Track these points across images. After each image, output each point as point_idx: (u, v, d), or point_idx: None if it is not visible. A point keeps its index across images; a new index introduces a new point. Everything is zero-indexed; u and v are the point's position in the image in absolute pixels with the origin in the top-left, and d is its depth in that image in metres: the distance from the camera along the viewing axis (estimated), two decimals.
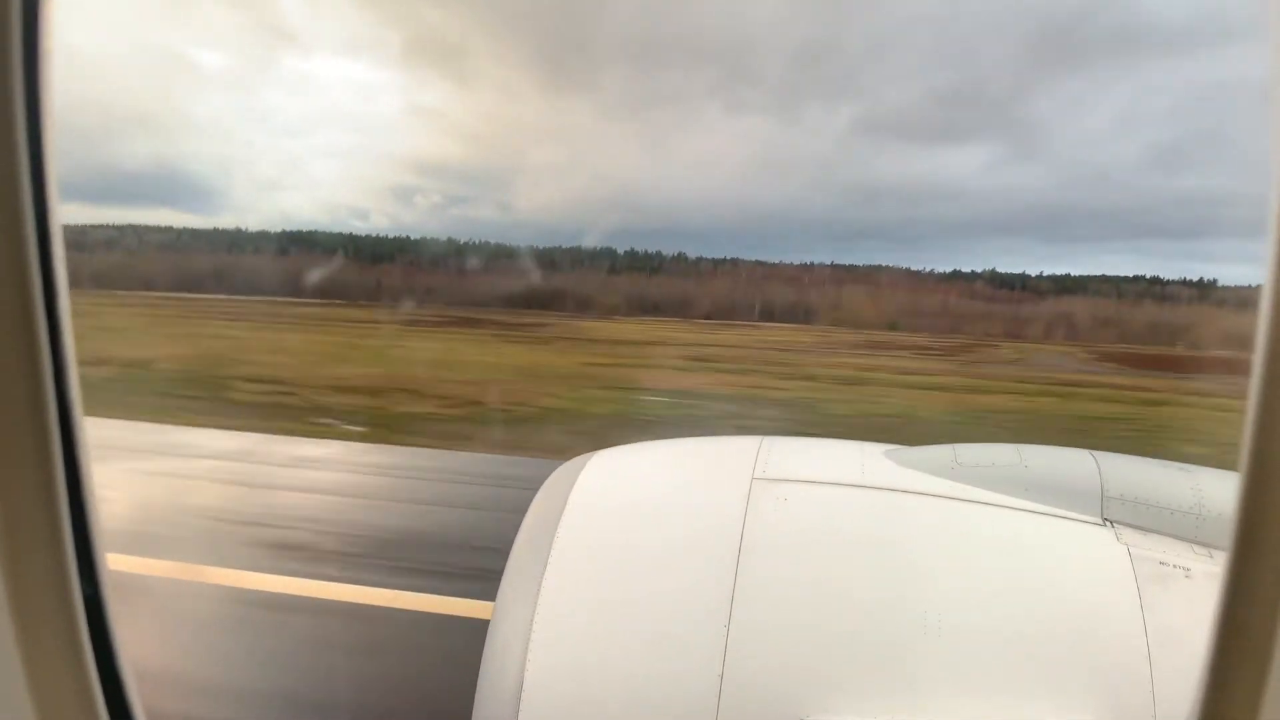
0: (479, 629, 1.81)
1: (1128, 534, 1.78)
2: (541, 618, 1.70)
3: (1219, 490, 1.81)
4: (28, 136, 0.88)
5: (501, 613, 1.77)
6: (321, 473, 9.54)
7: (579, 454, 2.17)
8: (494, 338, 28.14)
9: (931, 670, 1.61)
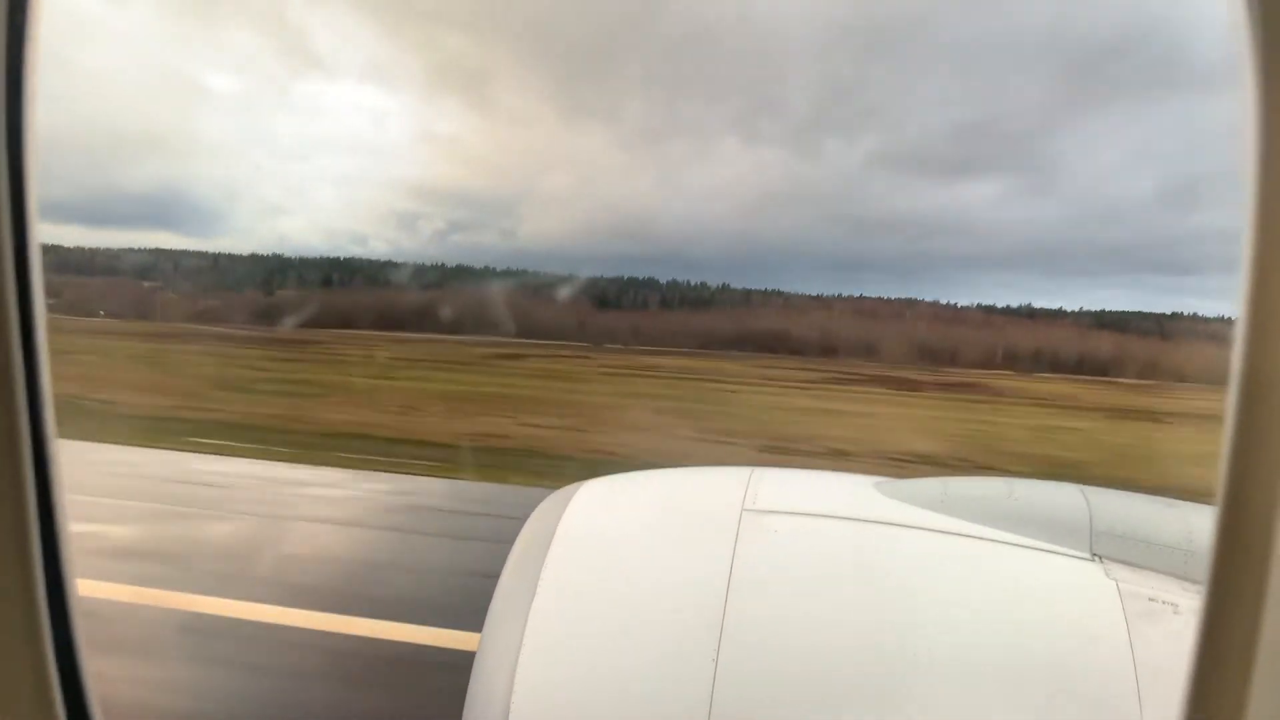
0: (466, 660, 1.79)
1: (1116, 569, 1.77)
2: (528, 648, 1.68)
3: (1207, 526, 1.81)
4: (7, 152, 0.86)
5: (488, 643, 1.75)
6: None
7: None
8: (956, 401, 24.12)
9: (921, 704, 1.60)
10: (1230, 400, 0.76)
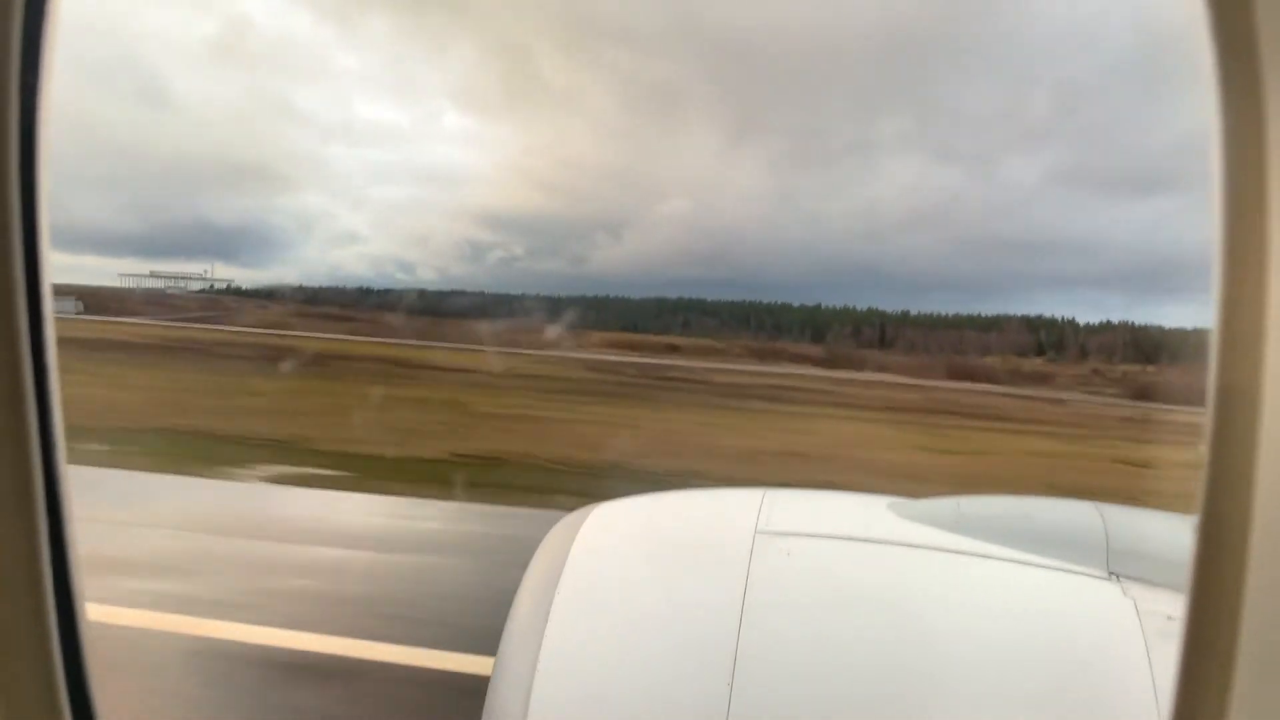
0: (480, 685, 1.79)
1: (1134, 588, 1.76)
2: (543, 672, 1.68)
3: None
4: (20, 166, 0.83)
5: (502, 669, 1.75)
6: None
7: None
8: None
9: None
10: (1208, 412, 0.78)
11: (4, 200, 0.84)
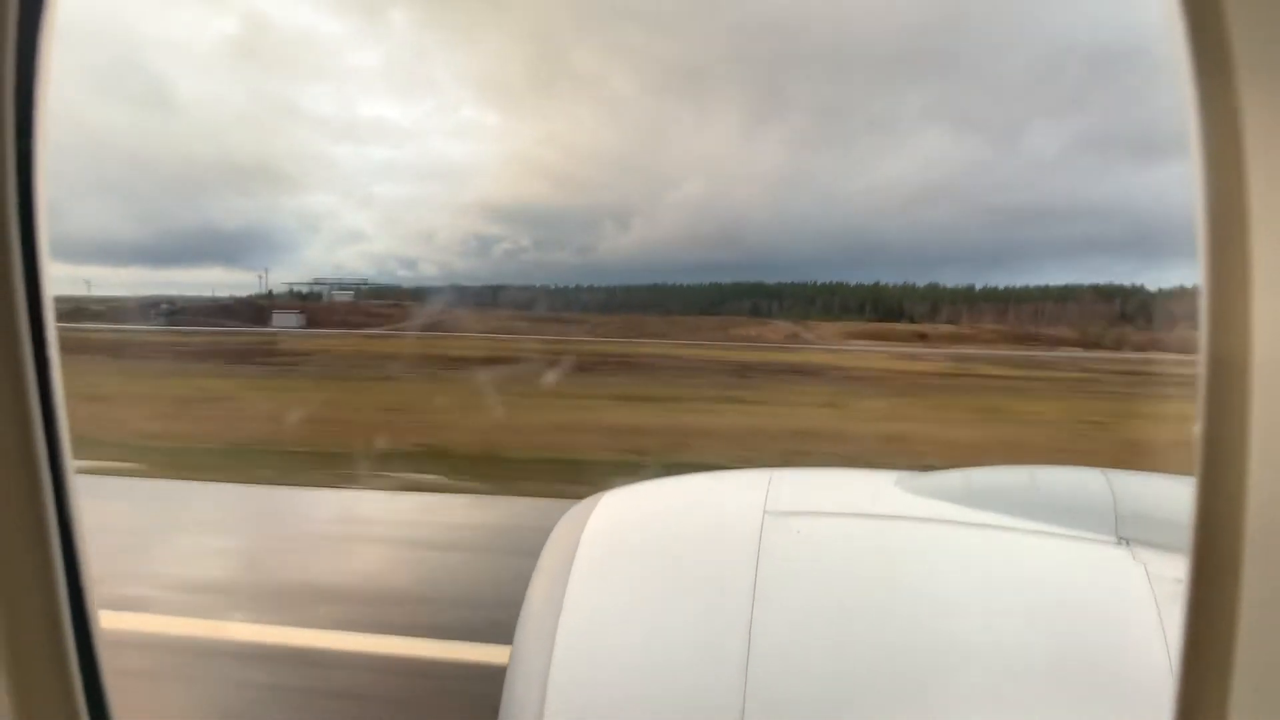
0: (497, 675, 1.81)
1: (1143, 552, 1.76)
2: (559, 659, 1.69)
3: None
4: (16, 170, 0.83)
5: (518, 658, 1.77)
6: None
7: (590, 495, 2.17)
8: None
9: (952, 699, 1.60)
10: (1200, 385, 0.79)
11: (2, 208, 0.83)
